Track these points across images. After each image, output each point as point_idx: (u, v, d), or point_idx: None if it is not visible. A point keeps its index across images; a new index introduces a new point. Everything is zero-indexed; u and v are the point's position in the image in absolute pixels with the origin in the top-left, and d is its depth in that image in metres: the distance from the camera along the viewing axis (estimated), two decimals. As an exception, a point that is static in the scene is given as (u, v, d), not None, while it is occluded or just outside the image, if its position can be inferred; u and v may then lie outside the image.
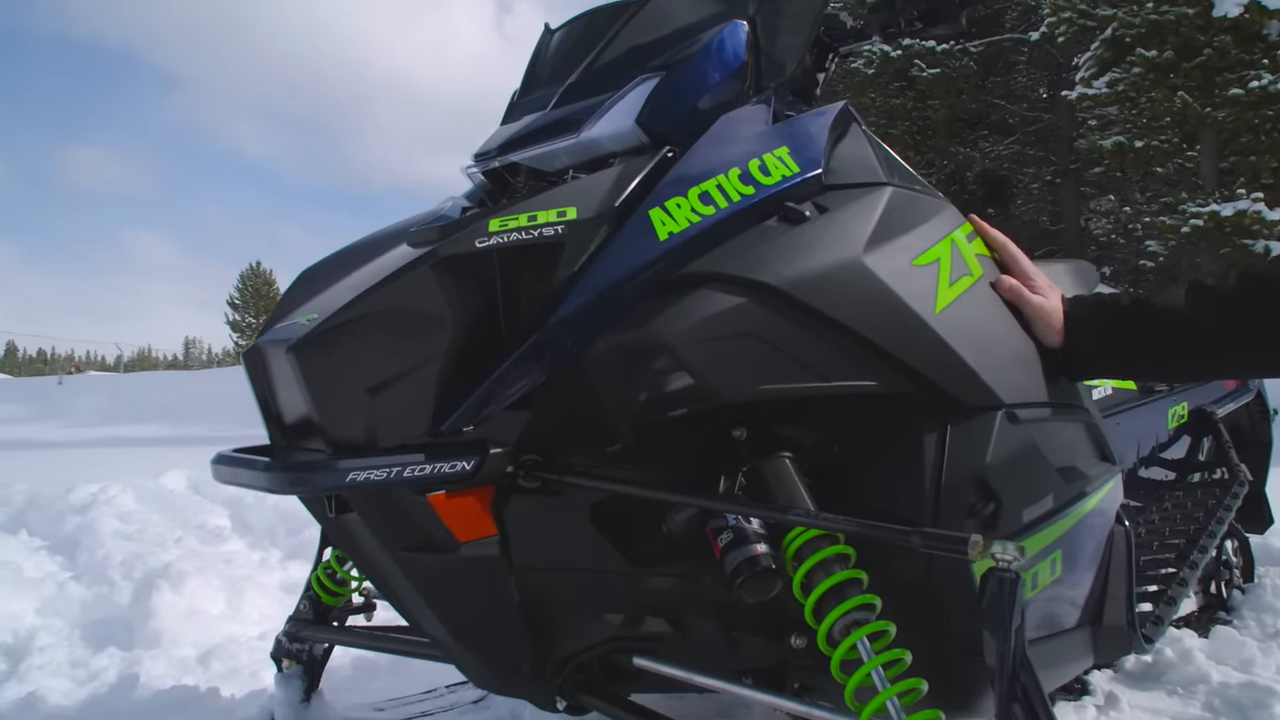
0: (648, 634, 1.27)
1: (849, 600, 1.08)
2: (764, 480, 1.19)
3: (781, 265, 1.14)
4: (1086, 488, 1.40)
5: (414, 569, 1.19)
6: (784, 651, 1.26)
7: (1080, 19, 11.50)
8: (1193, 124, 10.90)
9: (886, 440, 1.24)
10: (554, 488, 1.17)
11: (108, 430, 12.71)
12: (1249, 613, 2.63)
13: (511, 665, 1.25)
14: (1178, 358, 1.35)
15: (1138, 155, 11.43)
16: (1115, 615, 1.51)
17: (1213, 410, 2.51)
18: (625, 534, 1.23)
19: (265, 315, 10.83)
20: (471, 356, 1.10)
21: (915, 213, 1.30)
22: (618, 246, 1.12)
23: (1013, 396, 1.27)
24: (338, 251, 1.35)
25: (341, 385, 1.08)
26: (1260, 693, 1.98)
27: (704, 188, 1.18)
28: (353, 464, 1.05)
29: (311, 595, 1.73)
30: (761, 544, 1.13)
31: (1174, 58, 10.58)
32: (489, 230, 1.09)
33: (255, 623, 2.67)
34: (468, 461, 1.08)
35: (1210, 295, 1.31)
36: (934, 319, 1.21)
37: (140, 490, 4.70)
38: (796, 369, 1.15)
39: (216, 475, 1.20)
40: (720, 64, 1.34)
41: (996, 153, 16.20)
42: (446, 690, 2.08)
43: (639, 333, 1.11)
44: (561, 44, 1.49)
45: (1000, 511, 1.22)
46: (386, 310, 1.08)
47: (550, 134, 1.32)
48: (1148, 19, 10.73)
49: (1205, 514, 2.15)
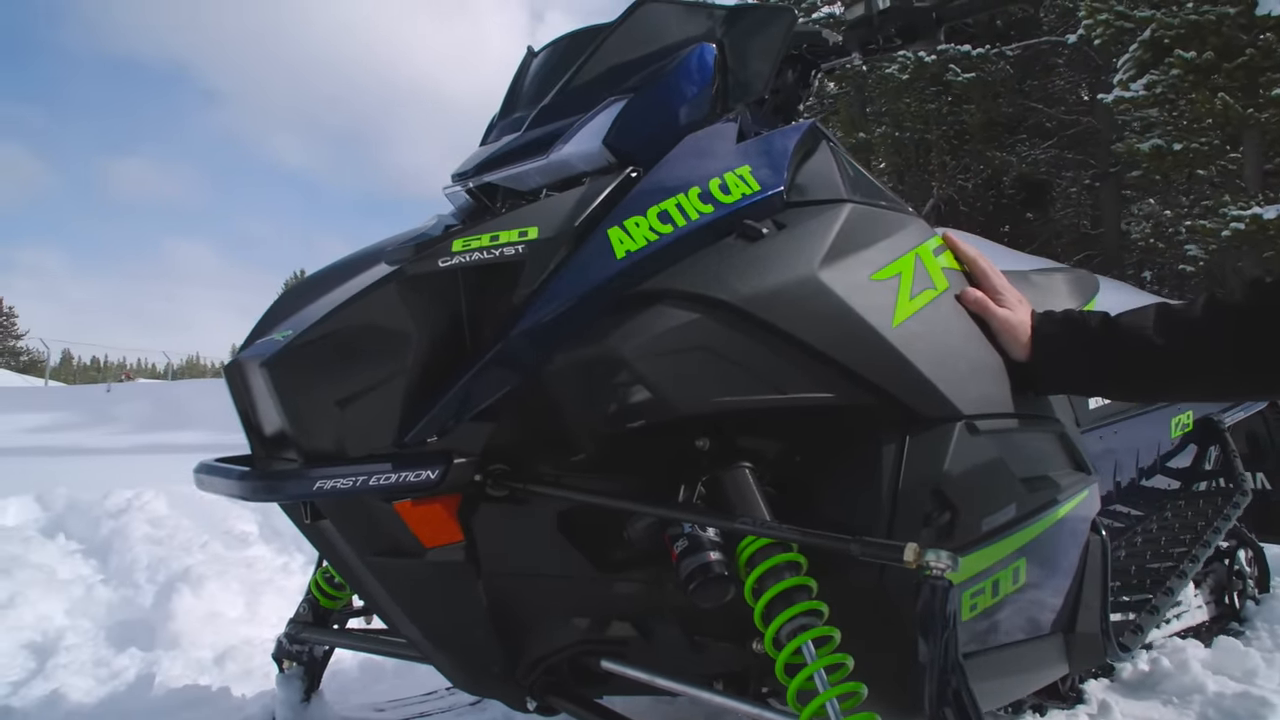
0: (614, 638, 1.31)
1: (796, 605, 1.11)
2: (723, 489, 1.23)
3: (736, 281, 1.18)
4: (1057, 496, 1.41)
5: (384, 573, 1.24)
6: (746, 656, 1.29)
7: (1118, 20, 11.34)
8: (1235, 125, 10.69)
9: (846, 451, 1.27)
10: (521, 496, 1.22)
11: (151, 437, 13.00)
12: (1261, 623, 2.61)
13: (483, 667, 1.30)
14: (1140, 379, 1.36)
15: (1177, 158, 11.23)
16: (1089, 623, 1.52)
17: (1219, 419, 2.49)
18: (591, 540, 1.27)
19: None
20: (437, 371, 1.15)
21: (877, 228, 1.33)
22: (576, 264, 1.17)
23: (973, 408, 1.29)
24: (321, 270, 1.40)
25: (312, 398, 1.13)
26: (1255, 703, 1.97)
27: (663, 207, 1.22)
28: (321, 473, 1.10)
29: (311, 598, 1.79)
30: (715, 551, 1.17)
31: (1215, 58, 10.38)
32: (452, 250, 1.14)
33: (272, 625, 2.74)
34: (432, 471, 1.13)
35: (1177, 319, 1.32)
36: (890, 332, 1.24)
37: (173, 495, 4.82)
38: (752, 382, 1.19)
39: (198, 483, 1.27)
40: (687, 86, 1.37)
41: (1034, 157, 16.01)
42: (446, 692, 2.13)
43: (595, 348, 1.15)
44: (542, 66, 1.54)
45: (956, 521, 1.24)
46: (354, 326, 1.13)
47: (523, 155, 1.37)
48: (1187, 19, 10.56)
49: (1203, 524, 2.14)
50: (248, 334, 1.29)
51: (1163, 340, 1.30)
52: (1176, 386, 1.37)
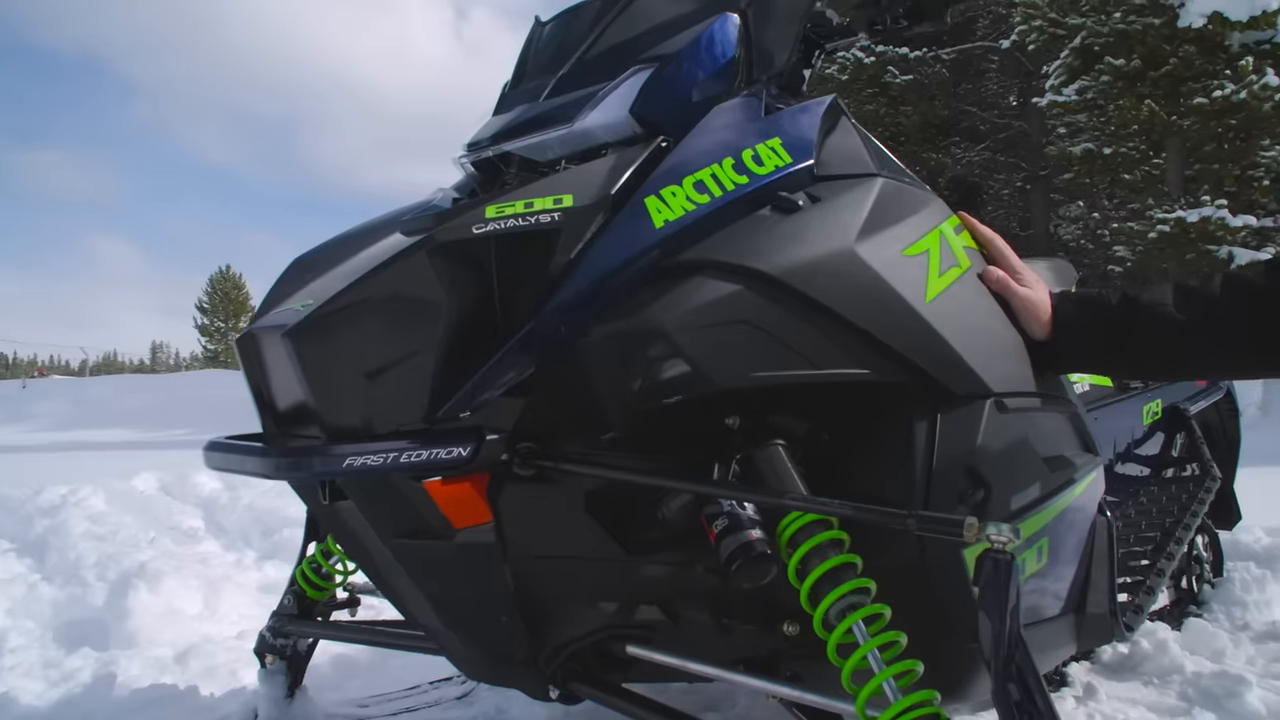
0: (641, 622, 1.27)
1: (844, 584, 1.09)
2: (757, 468, 1.20)
3: (776, 253, 1.15)
4: (1073, 476, 1.42)
5: (408, 556, 1.18)
6: (776, 639, 1.27)
7: (1050, 27, 11.65)
8: (1159, 132, 11.07)
9: (877, 428, 1.25)
10: (549, 475, 1.17)
11: (74, 434, 12.50)
12: (1218, 606, 2.68)
13: (505, 654, 1.25)
14: (1161, 356, 1.36)
15: (1106, 162, 11.59)
16: (1098, 604, 1.53)
17: (1186, 407, 2.55)
18: (619, 522, 1.23)
19: (235, 319, 10.71)
20: (467, 343, 1.10)
21: (905, 204, 1.31)
22: (614, 234, 1.13)
23: (1001, 386, 1.28)
24: (330, 240, 1.34)
25: (337, 371, 1.07)
26: (1232, 682, 2.02)
27: (698, 177, 1.18)
28: (349, 450, 1.04)
29: (296, 590, 1.72)
30: (756, 530, 1.14)
31: (1141, 67, 10.74)
32: (485, 216, 1.09)
33: (233, 622, 2.65)
34: (464, 448, 1.08)
35: (1196, 296, 1.33)
36: (924, 308, 1.22)
37: (111, 492, 4.64)
38: (790, 357, 1.16)
39: (209, 462, 1.19)
40: (712, 56, 1.34)
41: (968, 159, 16.38)
42: (430, 686, 2.07)
43: (635, 319, 1.11)
44: (553, 36, 1.49)
45: (990, 498, 1.23)
46: (383, 296, 1.07)
47: (543, 124, 1.32)
48: (1115, 28, 10.89)
49: (1179, 508, 2.19)
50: (259, 305, 1.22)
51: (1184, 316, 1.31)
52: (1197, 363, 1.39)
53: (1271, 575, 2.80)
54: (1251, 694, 1.96)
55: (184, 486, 4.95)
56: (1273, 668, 2.18)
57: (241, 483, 5.00)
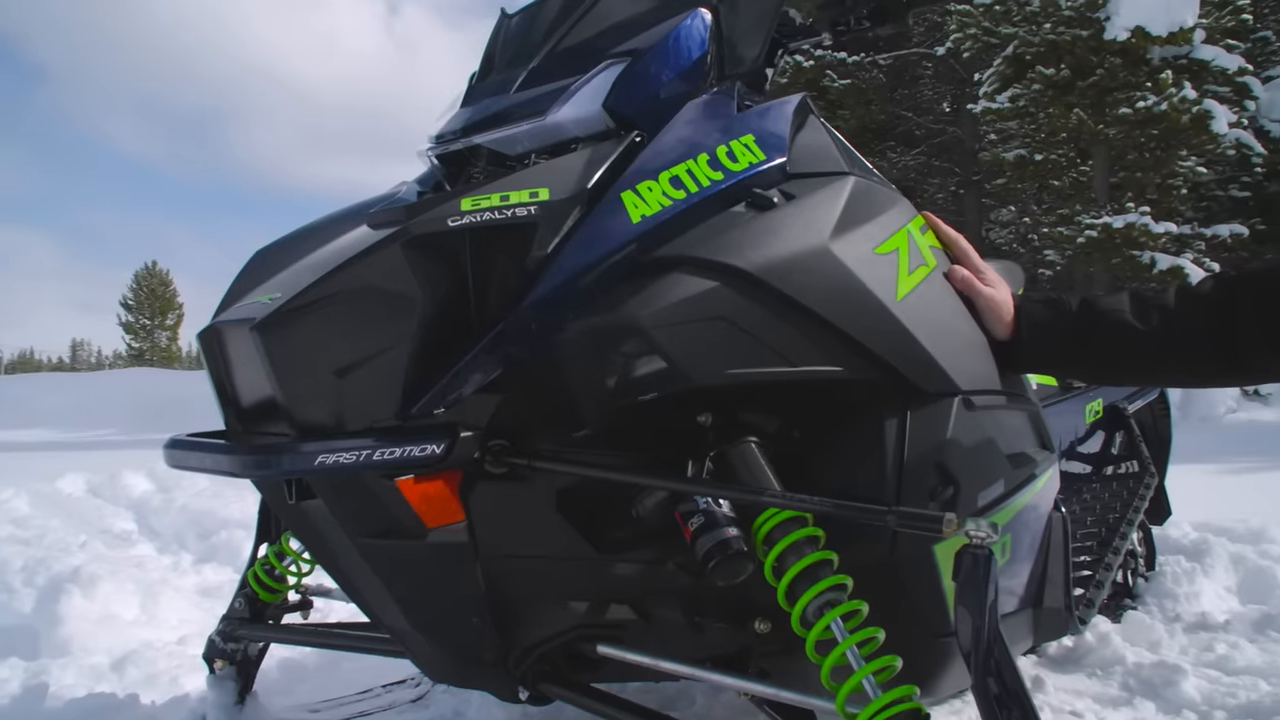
0: (613, 621, 1.26)
1: (822, 581, 1.09)
2: (731, 465, 1.20)
3: (752, 250, 1.15)
4: (1034, 473, 1.45)
5: (378, 557, 1.15)
6: (745, 637, 1.27)
7: (985, 36, 11.95)
8: (1086, 140, 11.43)
9: (847, 426, 1.26)
10: (520, 473, 1.16)
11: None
12: (1152, 599, 2.77)
13: (474, 656, 1.23)
14: (1116, 360, 1.40)
15: (1037, 168, 11.93)
16: (1054, 598, 1.57)
17: (1124, 406, 2.63)
18: (590, 520, 1.22)
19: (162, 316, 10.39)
20: (440, 338, 1.08)
21: (875, 203, 1.32)
22: (591, 228, 1.12)
23: (968, 384, 1.30)
24: (293, 232, 1.30)
25: (308, 366, 1.04)
26: (1170, 671, 2.08)
27: (674, 172, 1.18)
28: (321, 447, 1.01)
29: (248, 592, 1.66)
30: (733, 527, 1.13)
31: (1070, 76, 11.07)
32: (461, 209, 1.07)
33: (173, 627, 2.56)
34: (437, 445, 1.05)
35: (1152, 304, 1.36)
36: (896, 306, 1.23)
37: (35, 494, 4.46)
38: (765, 354, 1.16)
39: (171, 460, 1.15)
40: (685, 52, 1.34)
41: (904, 163, 16.68)
42: (383, 690, 2.02)
43: (612, 315, 1.10)
44: (521, 28, 1.47)
45: (958, 495, 1.25)
46: (355, 289, 1.05)
47: (515, 117, 1.30)
48: (1046, 38, 11.21)
49: (1121, 504, 2.25)
50: (222, 298, 1.17)
51: (1140, 322, 1.35)
52: (1151, 367, 1.42)
53: (1200, 568, 2.90)
54: (1187, 682, 2.03)
55: (114, 488, 4.78)
56: (1204, 656, 2.26)
57: (174, 483, 4.86)
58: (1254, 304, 1.27)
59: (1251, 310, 1.27)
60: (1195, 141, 11.05)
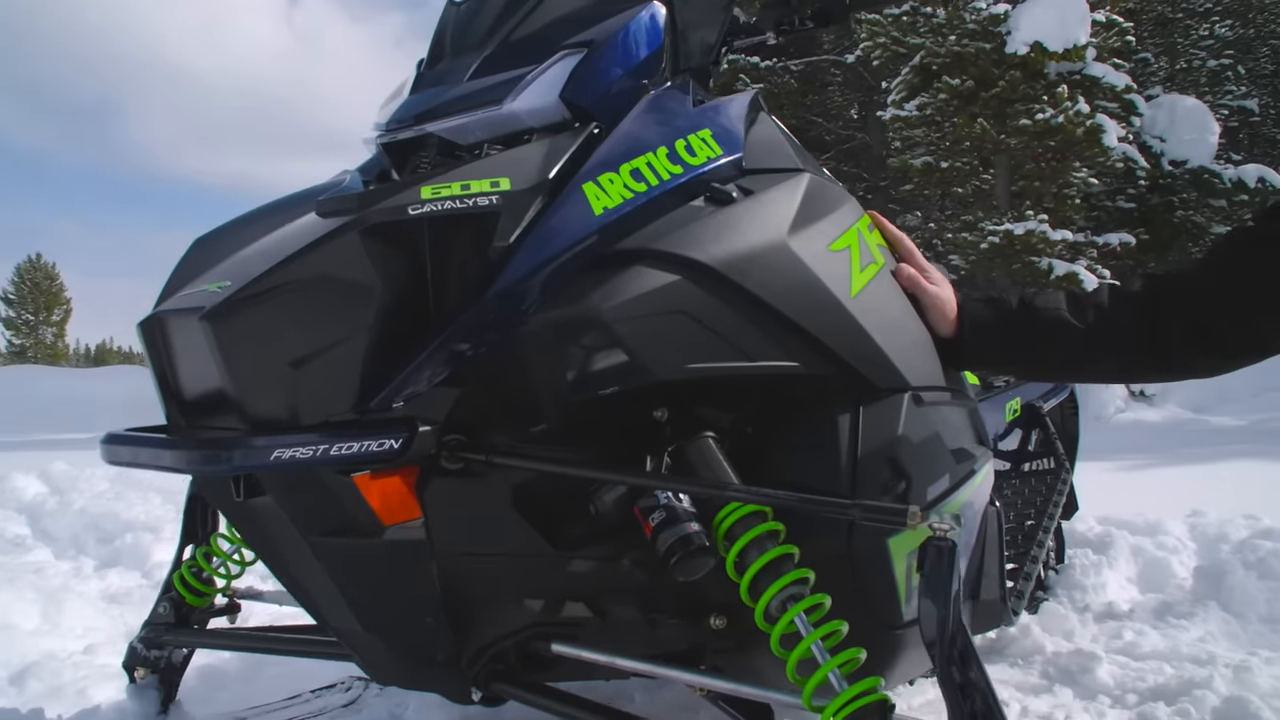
0: (568, 619, 1.25)
1: (785, 576, 1.09)
2: (689, 460, 1.19)
3: (713, 244, 1.15)
4: (974, 468, 1.49)
5: (331, 555, 1.11)
6: (700, 633, 1.27)
7: (893, 45, 12.30)
8: (989, 149, 11.86)
9: (799, 421, 1.27)
10: (476, 469, 1.13)
11: None
12: (1062, 590, 2.88)
13: (427, 657, 1.20)
14: (1056, 357, 1.44)
15: (943, 175, 12.33)
16: (990, 590, 1.61)
17: (1040, 405, 2.73)
18: (547, 517, 1.20)
19: (48, 312, 9.87)
20: (398, 330, 1.05)
21: (829, 200, 1.34)
22: (554, 219, 1.10)
23: (917, 380, 1.32)
24: (234, 220, 1.25)
25: (261, 356, 1.00)
26: (1085, 659, 2.17)
27: (635, 165, 1.17)
28: (276, 442, 0.97)
29: (174, 596, 1.59)
30: (694, 522, 1.13)
31: (974, 87, 11.47)
32: (421, 198, 1.04)
33: (78, 636, 2.42)
34: (395, 439, 1.02)
35: (1087, 302, 1.41)
36: (850, 303, 1.25)
37: (-87, 498, 4.18)
38: (724, 348, 1.16)
39: (110, 456, 1.08)
40: (640, 45, 1.33)
41: (813, 168, 16.99)
42: (312, 695, 1.95)
43: (575, 308, 1.08)
44: (469, 16, 1.44)
45: (910, 489, 1.27)
46: (311, 277, 1.00)
47: (469, 105, 1.27)
48: (952, 50, 11.58)
49: (1041, 499, 2.34)
50: (162, 288, 1.11)
51: (1076, 320, 1.39)
52: (1086, 364, 1.47)
53: (1105, 560, 3.04)
54: (1101, 669, 2.12)
55: (3, 491, 4.51)
56: (1114, 644, 2.36)
57: (70, 485, 4.61)
58: (1177, 302, 1.33)
59: (1175, 309, 1.33)
60: (1088, 154, 11.58)
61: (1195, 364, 1.37)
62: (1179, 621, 2.50)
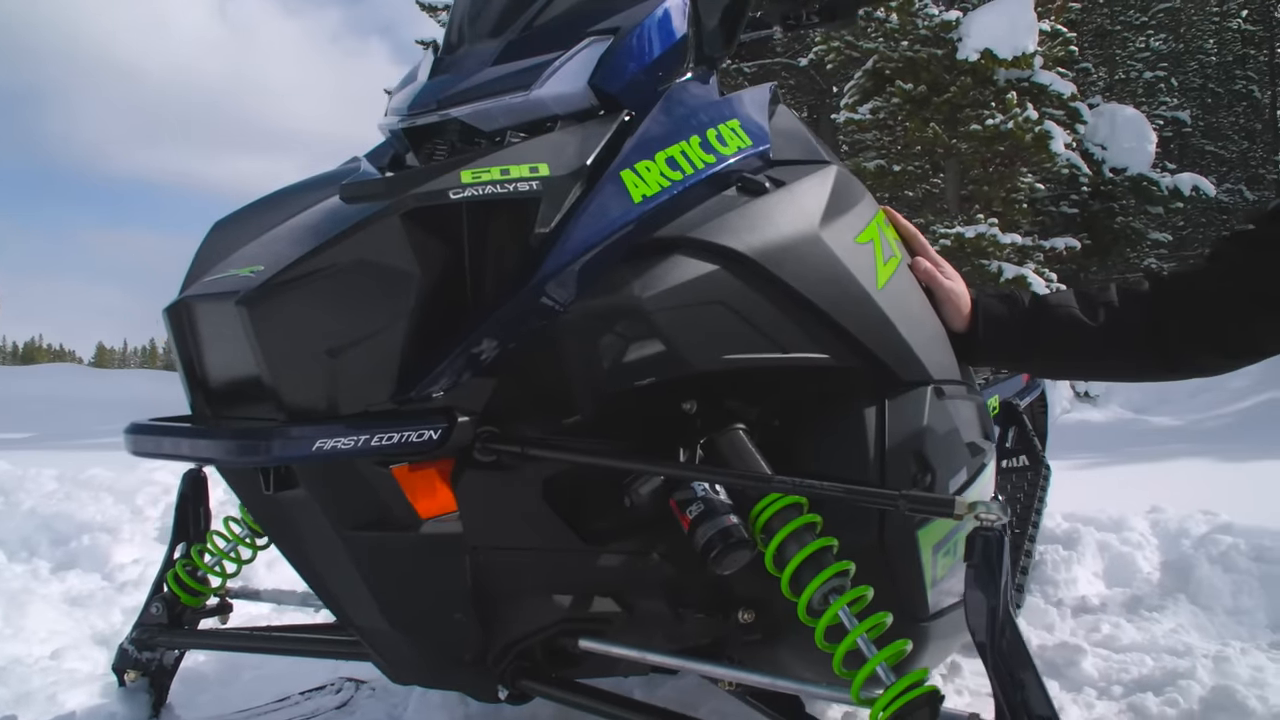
0: (597, 614, 1.22)
1: (827, 569, 1.08)
2: (721, 452, 1.18)
3: (749, 234, 1.14)
4: (984, 461, 1.50)
5: (362, 550, 1.07)
6: (726, 626, 1.26)
7: (847, 49, 12.44)
8: (940, 153, 12.05)
9: (825, 414, 1.27)
10: (507, 462, 1.11)
11: None
12: (1034, 585, 2.92)
13: (453, 654, 1.17)
14: (1068, 354, 1.46)
15: (896, 178, 12.51)
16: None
17: (1017, 402, 2.77)
18: (577, 510, 1.18)
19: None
20: (436, 317, 1.02)
21: (853, 193, 1.34)
22: (593, 207, 1.08)
23: (938, 374, 1.33)
24: (252, 203, 1.20)
25: (299, 343, 0.96)
26: (1070, 652, 2.21)
27: (670, 153, 1.16)
28: (317, 432, 0.93)
29: (167, 596, 1.53)
30: (732, 515, 1.12)
31: (926, 92, 11.65)
32: (462, 181, 1.01)
33: (43, 640, 2.32)
34: (434, 430, 1.00)
35: (1097, 301, 1.43)
36: (877, 295, 1.25)
37: None
38: (759, 339, 1.15)
39: (136, 447, 1.03)
40: (666, 33, 1.31)
41: (766, 170, 17.11)
42: (301, 697, 1.90)
43: (614, 298, 1.07)
44: (487, 0, 1.41)
45: (935, 481, 1.27)
46: (351, 261, 0.97)
47: (495, 90, 1.24)
48: (904, 55, 11.75)
49: (1026, 495, 2.37)
50: (186, 274, 1.06)
51: (1087, 317, 1.41)
52: (1097, 362, 1.49)
53: (1075, 556, 3.10)
54: (1086, 661, 2.16)
55: (-60, 493, 4.31)
56: (1093, 636, 2.41)
57: (16, 485, 4.43)
58: (1180, 303, 1.36)
59: (1177, 310, 1.35)
60: (1036, 159, 11.82)
61: (1202, 364, 1.39)
62: (1151, 614, 2.55)
